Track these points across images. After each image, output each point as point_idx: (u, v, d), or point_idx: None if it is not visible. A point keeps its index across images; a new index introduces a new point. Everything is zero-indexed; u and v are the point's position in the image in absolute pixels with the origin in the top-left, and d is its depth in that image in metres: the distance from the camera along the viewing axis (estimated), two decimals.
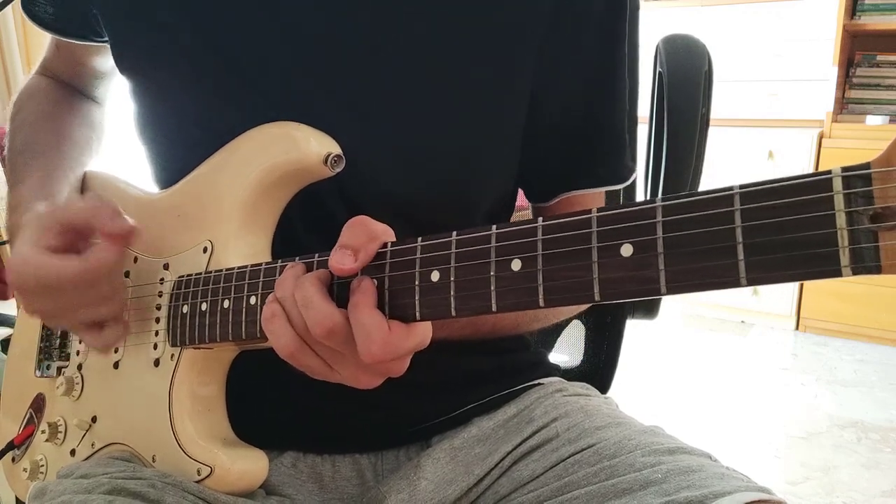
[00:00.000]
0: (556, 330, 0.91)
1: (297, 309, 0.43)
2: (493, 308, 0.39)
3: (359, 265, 0.43)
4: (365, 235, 0.43)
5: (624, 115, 0.65)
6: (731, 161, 2.77)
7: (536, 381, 0.67)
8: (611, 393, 0.85)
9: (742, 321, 2.94)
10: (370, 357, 0.41)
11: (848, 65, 2.81)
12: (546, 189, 0.67)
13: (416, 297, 0.42)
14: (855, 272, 0.29)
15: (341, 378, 0.46)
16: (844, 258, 0.29)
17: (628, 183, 0.67)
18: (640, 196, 0.85)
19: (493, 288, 0.39)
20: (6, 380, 0.74)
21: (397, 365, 0.44)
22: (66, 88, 0.75)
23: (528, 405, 0.63)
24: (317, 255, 0.47)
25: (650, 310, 0.87)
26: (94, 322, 0.56)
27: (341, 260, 0.43)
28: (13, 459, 0.69)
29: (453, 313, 0.40)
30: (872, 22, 2.65)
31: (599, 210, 0.36)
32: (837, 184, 0.29)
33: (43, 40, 0.75)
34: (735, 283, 0.31)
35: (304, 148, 0.53)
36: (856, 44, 2.81)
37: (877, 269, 0.29)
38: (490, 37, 0.57)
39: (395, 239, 0.44)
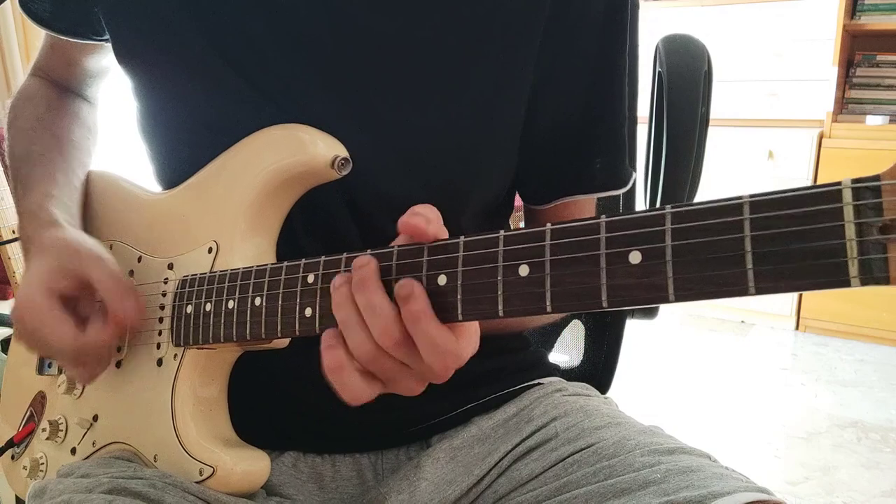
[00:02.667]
0: (556, 330, 0.91)
1: (361, 319, 0.42)
2: (500, 313, 0.39)
3: (432, 231, 0.42)
4: (432, 210, 0.42)
5: (624, 120, 0.65)
6: (731, 161, 2.77)
7: (536, 381, 0.67)
8: (611, 393, 0.85)
9: (742, 321, 2.94)
10: (445, 371, 0.41)
11: (848, 65, 2.81)
12: (543, 192, 0.67)
13: None
14: (864, 283, 0.29)
15: (393, 390, 0.45)
16: (853, 269, 0.29)
17: (627, 188, 0.67)
18: (639, 196, 0.85)
19: (500, 292, 0.39)
20: (6, 378, 0.74)
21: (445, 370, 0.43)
22: (60, 90, 0.75)
23: (528, 405, 0.63)
24: (322, 256, 0.47)
25: (650, 310, 0.87)
26: (73, 367, 0.58)
27: (415, 221, 0.41)
28: (13, 457, 0.70)
29: (460, 317, 0.40)
30: (872, 22, 2.65)
31: (608, 216, 0.36)
32: (847, 195, 0.29)
33: (42, 41, 0.75)
34: (743, 292, 0.31)
35: (312, 150, 0.53)
36: (856, 44, 2.81)
37: (885, 281, 0.29)
38: (490, 37, 0.58)
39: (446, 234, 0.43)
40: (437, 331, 0.40)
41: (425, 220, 0.42)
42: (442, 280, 0.41)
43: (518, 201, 0.71)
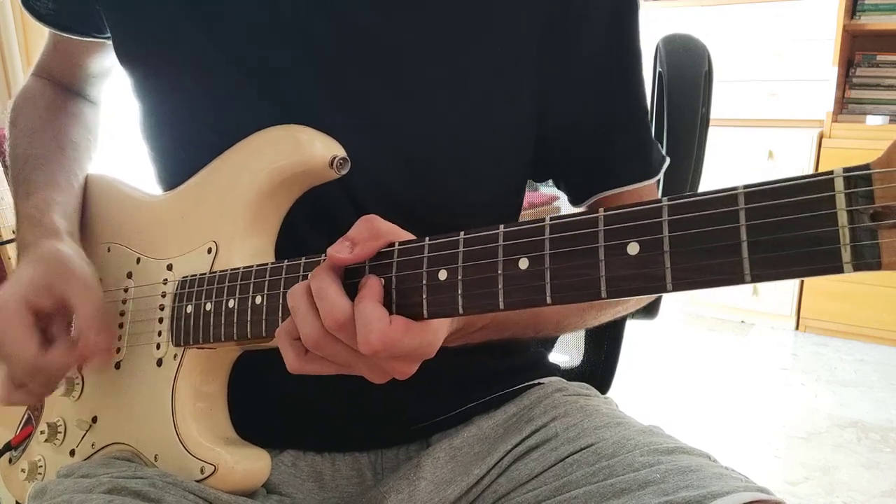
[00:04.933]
0: None
1: (312, 301, 0.43)
2: (501, 306, 0.39)
3: (353, 258, 0.43)
4: (368, 232, 0.43)
5: (643, 111, 0.65)
6: (731, 161, 2.77)
7: (536, 381, 0.67)
8: (611, 393, 0.85)
9: (742, 321, 2.94)
10: (367, 347, 0.41)
11: (848, 65, 2.81)
12: (578, 190, 0.67)
13: (424, 296, 0.42)
14: (856, 268, 0.30)
15: (351, 372, 0.46)
16: (846, 255, 0.30)
17: (657, 178, 0.66)
18: None
19: (500, 286, 0.39)
20: None
21: (400, 365, 0.44)
22: (62, 91, 0.75)
23: (528, 405, 0.64)
24: (323, 255, 0.47)
25: (650, 310, 0.87)
26: (12, 384, 0.57)
27: (338, 249, 0.43)
28: (10, 461, 0.69)
29: (461, 311, 0.41)
30: (872, 22, 2.65)
31: (606, 209, 0.36)
32: (839, 183, 0.30)
33: (43, 41, 0.75)
34: (740, 280, 0.32)
35: (310, 151, 0.53)
36: (856, 44, 2.81)
37: (877, 266, 0.29)
38: (490, 36, 0.58)
39: (411, 237, 0.44)
40: (375, 310, 0.41)
41: (348, 246, 0.43)
42: (442, 275, 0.41)
43: (527, 201, 0.71)
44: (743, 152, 2.77)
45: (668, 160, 0.68)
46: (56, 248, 0.58)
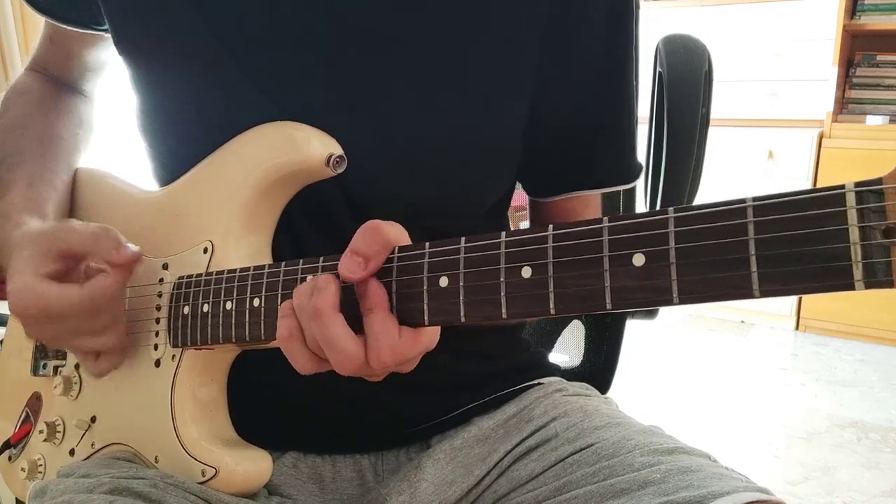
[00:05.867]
0: (556, 330, 0.91)
1: (317, 341, 0.43)
2: (504, 315, 0.39)
3: (367, 273, 0.43)
4: (377, 244, 0.43)
5: (631, 116, 0.65)
6: (731, 161, 2.77)
7: (536, 381, 0.67)
8: (611, 393, 0.85)
9: (742, 321, 2.94)
10: (378, 363, 0.41)
11: (848, 65, 2.81)
12: (547, 187, 0.68)
13: (425, 303, 0.41)
14: (868, 286, 0.29)
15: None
16: (857, 272, 0.29)
17: (633, 184, 0.67)
18: (639, 196, 0.85)
19: (503, 294, 0.39)
20: (0, 378, 0.74)
21: (404, 367, 0.44)
22: (55, 85, 0.74)
23: (528, 405, 0.63)
24: (321, 259, 0.47)
25: (651, 310, 0.87)
26: (94, 349, 0.57)
27: (351, 268, 0.42)
28: (10, 459, 0.69)
29: (462, 319, 0.40)
30: (872, 22, 2.65)
31: (611, 219, 0.36)
32: (850, 199, 0.29)
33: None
34: (748, 295, 0.31)
35: (306, 149, 0.53)
36: (856, 44, 2.81)
37: (889, 284, 0.29)
38: (489, 37, 0.58)
39: (409, 241, 0.44)
40: (384, 323, 0.41)
41: (360, 263, 0.42)
42: (443, 282, 0.41)
43: (518, 201, 0.71)
44: (743, 152, 2.77)
45: (643, 168, 0.68)
46: (24, 231, 0.57)
